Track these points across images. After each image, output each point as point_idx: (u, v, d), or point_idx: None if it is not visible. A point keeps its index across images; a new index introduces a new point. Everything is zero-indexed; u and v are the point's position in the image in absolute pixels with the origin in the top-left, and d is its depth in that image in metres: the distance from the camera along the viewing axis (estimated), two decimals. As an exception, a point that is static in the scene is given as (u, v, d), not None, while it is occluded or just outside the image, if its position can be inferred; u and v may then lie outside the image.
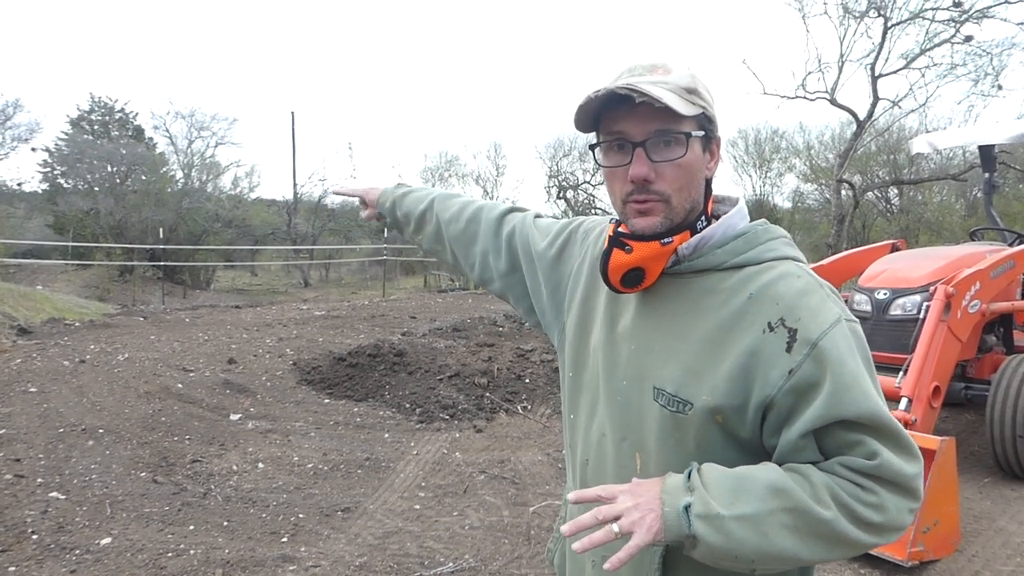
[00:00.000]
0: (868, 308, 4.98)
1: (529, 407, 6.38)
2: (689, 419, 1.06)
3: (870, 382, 1.01)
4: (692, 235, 1.12)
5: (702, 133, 1.10)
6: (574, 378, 1.29)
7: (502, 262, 1.48)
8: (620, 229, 1.15)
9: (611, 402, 1.18)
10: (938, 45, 14.00)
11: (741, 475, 1.01)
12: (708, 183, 1.16)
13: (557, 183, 25.38)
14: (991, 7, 13.09)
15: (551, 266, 1.40)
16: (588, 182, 25.59)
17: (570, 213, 25.72)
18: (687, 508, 0.98)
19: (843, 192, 16.47)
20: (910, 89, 14.67)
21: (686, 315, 1.10)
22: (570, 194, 25.49)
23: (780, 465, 1.03)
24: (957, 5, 13.28)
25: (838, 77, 14.88)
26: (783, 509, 0.97)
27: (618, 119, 1.09)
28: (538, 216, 1.51)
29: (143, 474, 4.55)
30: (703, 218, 1.14)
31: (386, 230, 21.34)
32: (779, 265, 1.09)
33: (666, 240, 1.10)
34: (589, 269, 1.31)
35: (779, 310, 1.02)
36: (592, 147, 1.17)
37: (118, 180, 19.54)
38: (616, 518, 0.99)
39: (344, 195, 1.87)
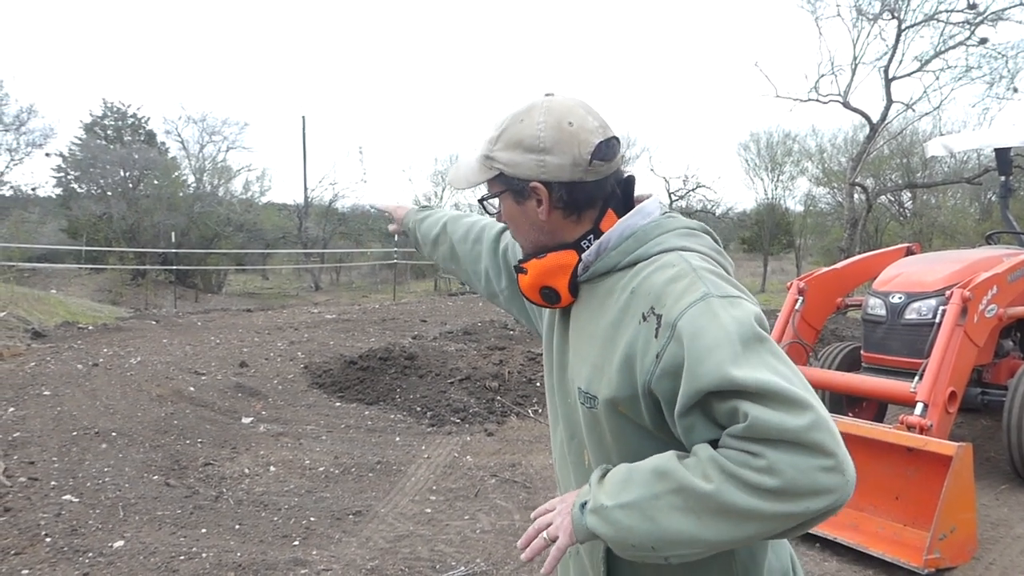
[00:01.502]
0: (883, 312, 4.94)
1: (540, 411, 6.36)
2: (599, 413, 1.14)
3: (734, 349, 0.97)
4: (578, 252, 1.21)
5: (499, 192, 1.25)
6: (548, 387, 1.39)
7: (503, 280, 1.60)
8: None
9: (562, 404, 1.29)
10: (953, 47, 13.92)
11: (634, 467, 1.05)
12: (608, 205, 1.22)
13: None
14: (1006, 9, 13.02)
15: None
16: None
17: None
18: (583, 506, 1.08)
19: (856, 196, 16.38)
20: (924, 92, 14.59)
21: (593, 317, 1.19)
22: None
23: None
24: (972, 7, 13.20)
25: (851, 80, 14.82)
26: (669, 491, 0.98)
27: None
28: None
29: (155, 477, 4.56)
30: (590, 237, 1.22)
31: (396, 235, 21.35)
32: (662, 258, 1.13)
33: (540, 255, 1.23)
34: None
35: (650, 300, 1.07)
36: None
37: (131, 185, 19.68)
38: (548, 526, 1.13)
39: (379, 208, 2.08)
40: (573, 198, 1.19)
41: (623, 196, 1.24)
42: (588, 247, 1.21)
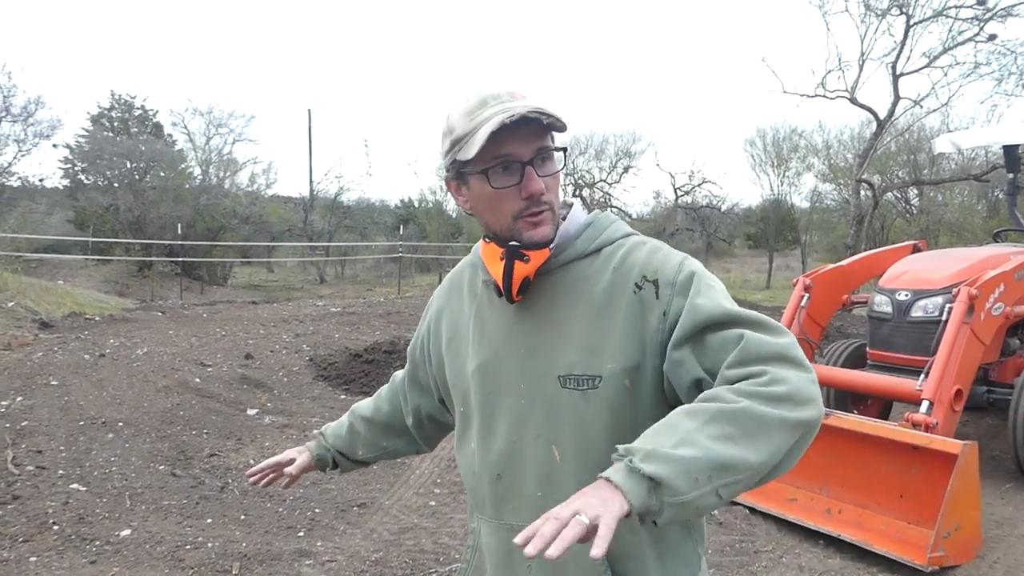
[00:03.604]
0: (889, 309, 4.93)
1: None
2: (601, 392, 1.16)
3: (719, 294, 1.14)
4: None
5: (559, 148, 1.22)
6: (464, 412, 1.35)
7: (429, 398, 1.53)
8: (513, 243, 1.20)
9: (513, 409, 1.23)
10: (961, 43, 13.84)
11: (658, 423, 1.03)
12: None
13: (572, 181, 25.32)
14: (1016, 5, 12.93)
15: (424, 345, 1.47)
16: (604, 180, 25.53)
17: (586, 211, 25.62)
18: (629, 464, 0.94)
19: (862, 192, 16.31)
20: (932, 88, 14.53)
21: (566, 304, 1.21)
22: (586, 192, 25.42)
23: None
24: (981, 3, 13.12)
25: (858, 76, 14.75)
26: (705, 422, 0.99)
27: (503, 142, 1.14)
28: None
29: (162, 467, 4.59)
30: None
31: (401, 227, 21.37)
32: (627, 240, 1.25)
33: (552, 245, 1.21)
34: (447, 312, 1.39)
35: (639, 271, 1.18)
36: (463, 174, 1.20)
37: (137, 176, 19.69)
38: (574, 514, 0.90)
39: (256, 474, 1.60)
40: None
41: None
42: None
